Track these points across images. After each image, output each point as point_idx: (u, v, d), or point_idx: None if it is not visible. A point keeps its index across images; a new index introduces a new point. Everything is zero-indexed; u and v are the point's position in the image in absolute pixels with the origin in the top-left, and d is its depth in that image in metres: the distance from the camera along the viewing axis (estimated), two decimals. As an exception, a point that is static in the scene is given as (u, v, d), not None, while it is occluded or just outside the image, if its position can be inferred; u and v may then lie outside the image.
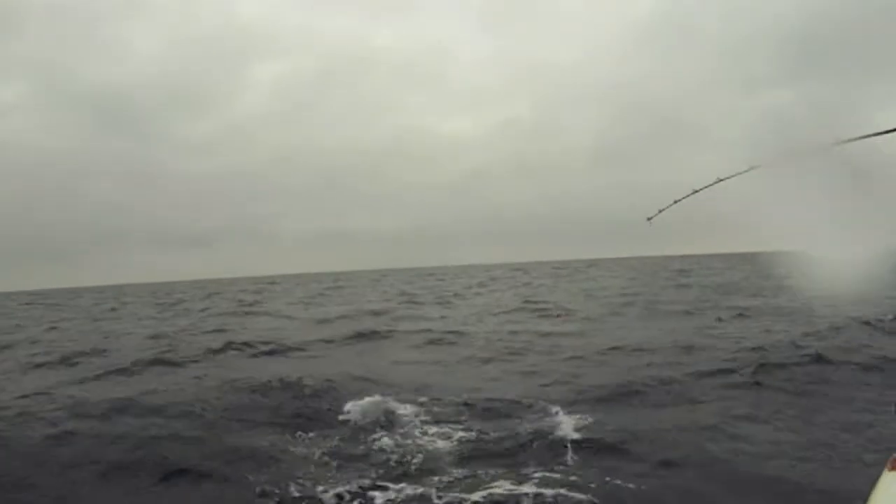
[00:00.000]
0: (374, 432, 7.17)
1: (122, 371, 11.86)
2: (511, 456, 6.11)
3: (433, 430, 7.18)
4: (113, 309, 36.57)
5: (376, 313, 23.35)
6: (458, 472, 5.74)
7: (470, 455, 6.26)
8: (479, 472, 5.70)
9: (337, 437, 7.05)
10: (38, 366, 13.36)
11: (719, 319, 16.34)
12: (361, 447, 6.69)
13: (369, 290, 43.61)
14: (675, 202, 3.31)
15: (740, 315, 16.94)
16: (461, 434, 6.92)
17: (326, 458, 6.32)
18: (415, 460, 6.15)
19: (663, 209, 3.39)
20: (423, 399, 8.64)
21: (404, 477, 5.68)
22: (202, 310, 30.22)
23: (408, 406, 8.28)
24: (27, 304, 52.54)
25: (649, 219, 3.46)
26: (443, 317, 21.61)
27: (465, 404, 8.25)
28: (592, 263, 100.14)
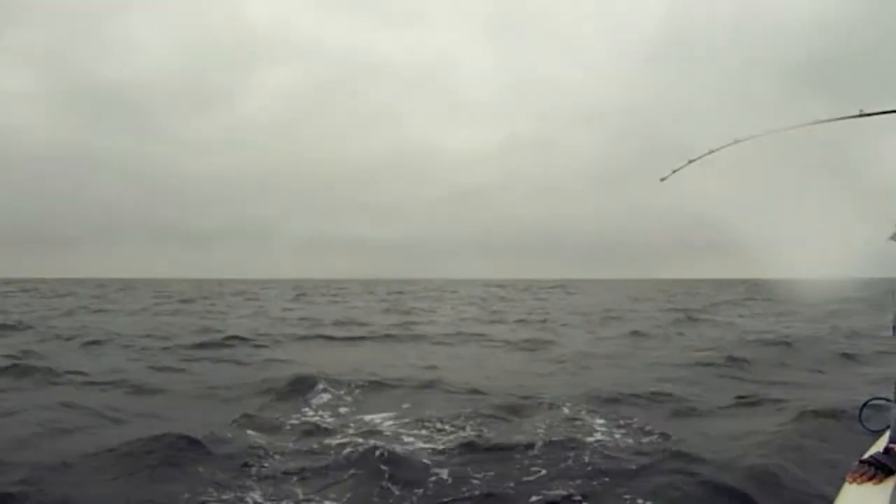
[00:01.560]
0: (353, 421, 7.60)
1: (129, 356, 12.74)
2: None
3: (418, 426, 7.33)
4: (115, 301, 36.97)
5: (367, 319, 23.81)
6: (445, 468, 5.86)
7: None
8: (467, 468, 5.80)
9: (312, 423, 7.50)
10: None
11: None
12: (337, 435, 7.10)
13: (363, 298, 43.96)
14: (690, 162, 3.16)
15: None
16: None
17: (301, 443, 6.67)
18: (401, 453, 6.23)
19: (677, 169, 3.21)
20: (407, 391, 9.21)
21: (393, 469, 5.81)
22: (201, 310, 30.51)
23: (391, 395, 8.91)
24: (25, 290, 52.72)
25: (662, 179, 3.27)
26: (433, 322, 22.31)
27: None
28: (592, 283, 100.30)
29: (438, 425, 7.15)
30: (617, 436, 6.70)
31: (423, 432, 6.91)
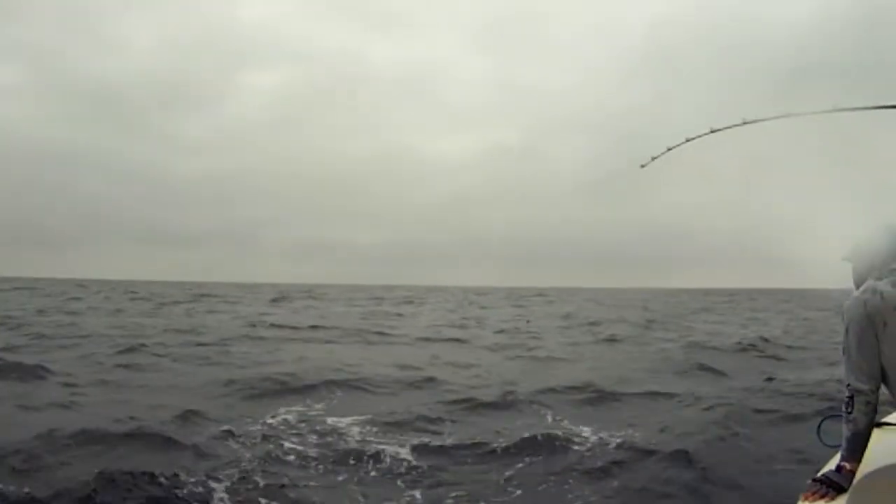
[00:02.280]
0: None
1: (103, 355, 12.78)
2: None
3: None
4: (106, 299, 36.54)
5: (346, 323, 23.77)
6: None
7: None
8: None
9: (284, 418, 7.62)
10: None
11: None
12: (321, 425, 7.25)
13: (343, 303, 43.81)
14: (669, 149, 3.16)
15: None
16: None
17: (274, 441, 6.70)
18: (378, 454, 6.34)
19: (656, 157, 3.19)
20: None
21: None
22: (179, 311, 30.18)
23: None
24: (18, 289, 51.56)
25: (642, 166, 3.24)
26: (413, 326, 22.43)
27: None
28: (572, 292, 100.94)
29: (413, 431, 7.17)
30: (599, 436, 6.83)
31: (394, 435, 6.94)
